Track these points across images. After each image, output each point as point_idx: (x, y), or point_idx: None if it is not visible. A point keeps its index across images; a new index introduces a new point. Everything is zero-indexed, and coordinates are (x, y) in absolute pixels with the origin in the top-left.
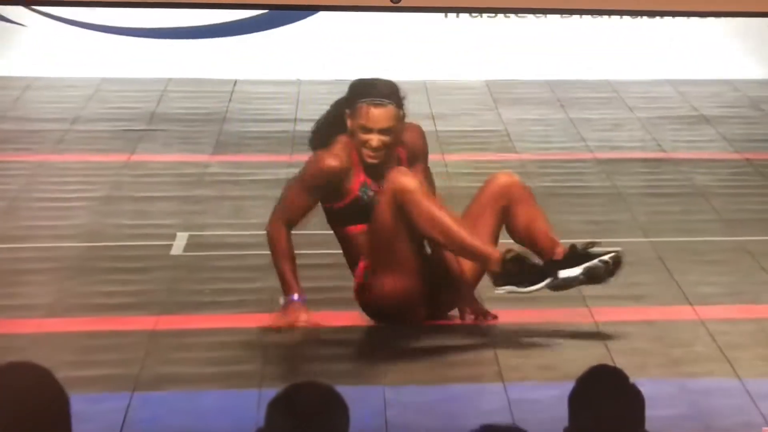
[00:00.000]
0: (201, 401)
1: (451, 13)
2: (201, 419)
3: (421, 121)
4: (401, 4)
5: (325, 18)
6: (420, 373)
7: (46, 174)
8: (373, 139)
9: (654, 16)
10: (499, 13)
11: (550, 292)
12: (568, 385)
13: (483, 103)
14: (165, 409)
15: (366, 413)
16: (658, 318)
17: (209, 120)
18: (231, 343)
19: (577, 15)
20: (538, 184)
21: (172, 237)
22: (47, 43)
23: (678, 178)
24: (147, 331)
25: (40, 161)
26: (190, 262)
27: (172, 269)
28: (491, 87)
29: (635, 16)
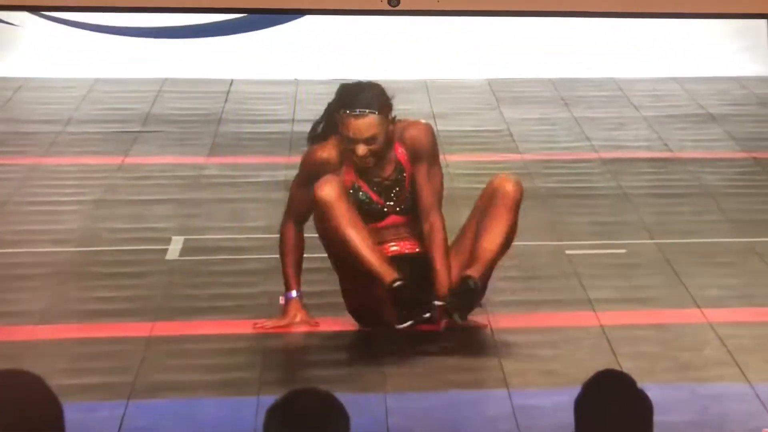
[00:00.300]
0: (198, 409)
1: None
2: (198, 428)
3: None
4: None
5: (323, 16)
6: (422, 380)
7: (38, 177)
8: (359, 149)
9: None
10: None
11: (555, 295)
12: (573, 391)
13: (485, 102)
14: (161, 417)
15: (367, 421)
16: (666, 321)
17: (205, 121)
18: (228, 350)
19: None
20: (542, 184)
21: (167, 241)
22: (39, 43)
23: (685, 178)
24: (142, 337)
25: (32, 164)
26: (186, 267)
27: (167, 274)
28: (493, 85)
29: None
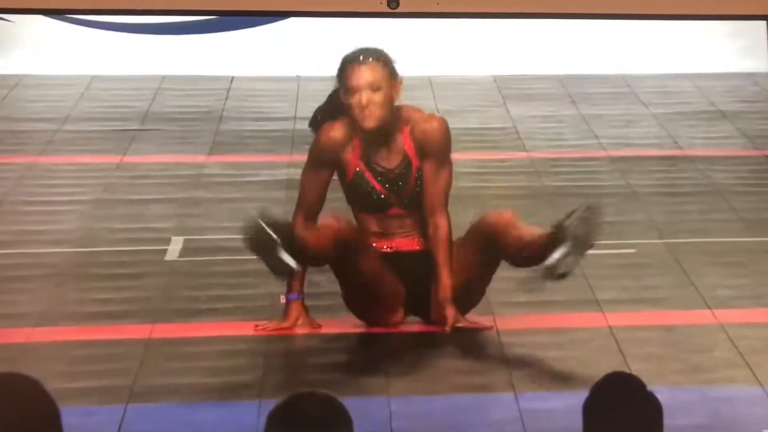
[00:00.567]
0: (198, 413)
1: None
2: None
3: None
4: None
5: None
6: (427, 383)
7: (34, 176)
8: (362, 96)
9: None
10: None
11: (562, 295)
12: (582, 394)
13: (491, 99)
14: (161, 421)
15: (371, 425)
16: (676, 322)
17: (205, 119)
18: (229, 352)
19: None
20: (549, 183)
21: (166, 241)
22: (36, 39)
23: (695, 176)
24: (141, 340)
25: (29, 163)
26: (185, 268)
27: (167, 275)
28: (499, 82)
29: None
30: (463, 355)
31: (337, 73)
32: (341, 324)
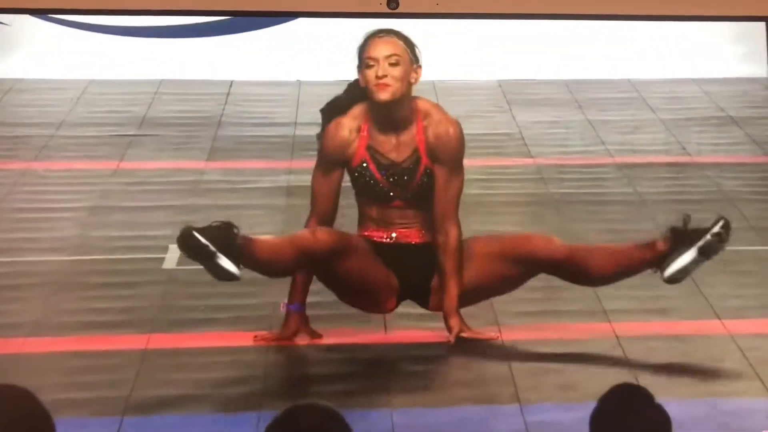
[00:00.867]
0: (196, 425)
1: None
2: None
3: None
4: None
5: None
6: (430, 394)
7: (29, 183)
8: (379, 67)
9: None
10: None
11: (568, 305)
12: (589, 406)
13: (496, 104)
14: None
15: None
16: (685, 333)
17: (204, 124)
18: (227, 363)
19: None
20: (555, 190)
21: (164, 249)
22: (30, 42)
23: (704, 183)
24: (138, 350)
25: (23, 169)
26: (183, 277)
27: (164, 284)
28: (504, 87)
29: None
30: (468, 366)
31: (357, 50)
32: (342, 334)
